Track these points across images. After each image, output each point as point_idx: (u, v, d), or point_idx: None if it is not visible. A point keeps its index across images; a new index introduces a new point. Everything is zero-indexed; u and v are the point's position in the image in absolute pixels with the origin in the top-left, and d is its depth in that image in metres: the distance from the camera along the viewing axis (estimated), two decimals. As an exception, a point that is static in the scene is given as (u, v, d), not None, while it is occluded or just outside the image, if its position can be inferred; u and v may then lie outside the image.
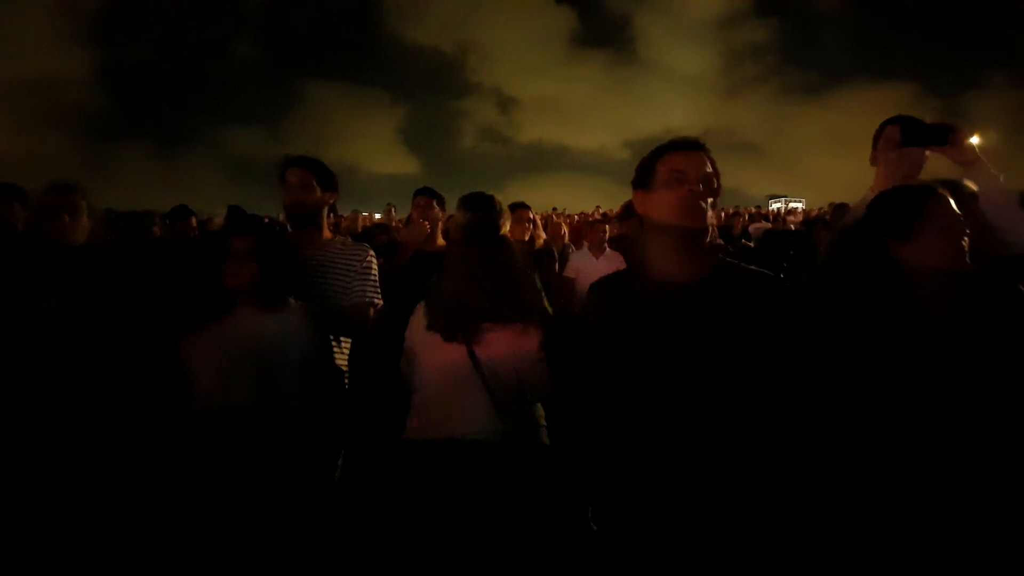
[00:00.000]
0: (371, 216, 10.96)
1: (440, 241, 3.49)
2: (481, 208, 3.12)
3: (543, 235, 4.94)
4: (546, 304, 2.21)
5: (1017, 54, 27.45)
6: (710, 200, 1.62)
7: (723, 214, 9.22)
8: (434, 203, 3.49)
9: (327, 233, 2.79)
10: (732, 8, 33.63)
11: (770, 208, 17.41)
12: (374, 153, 35.63)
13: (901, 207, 1.68)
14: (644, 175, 1.70)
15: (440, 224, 3.55)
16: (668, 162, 1.65)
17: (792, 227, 7.85)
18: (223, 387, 2.05)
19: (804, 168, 33.29)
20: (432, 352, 2.14)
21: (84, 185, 2.55)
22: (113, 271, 2.49)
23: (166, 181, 30.48)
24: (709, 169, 1.64)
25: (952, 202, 1.65)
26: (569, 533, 2.00)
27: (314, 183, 2.66)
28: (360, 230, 7.28)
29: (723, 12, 33.94)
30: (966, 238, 1.62)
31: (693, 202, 1.59)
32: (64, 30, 29.47)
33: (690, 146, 1.66)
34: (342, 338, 2.57)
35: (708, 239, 1.66)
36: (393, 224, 7.69)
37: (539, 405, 2.20)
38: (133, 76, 31.60)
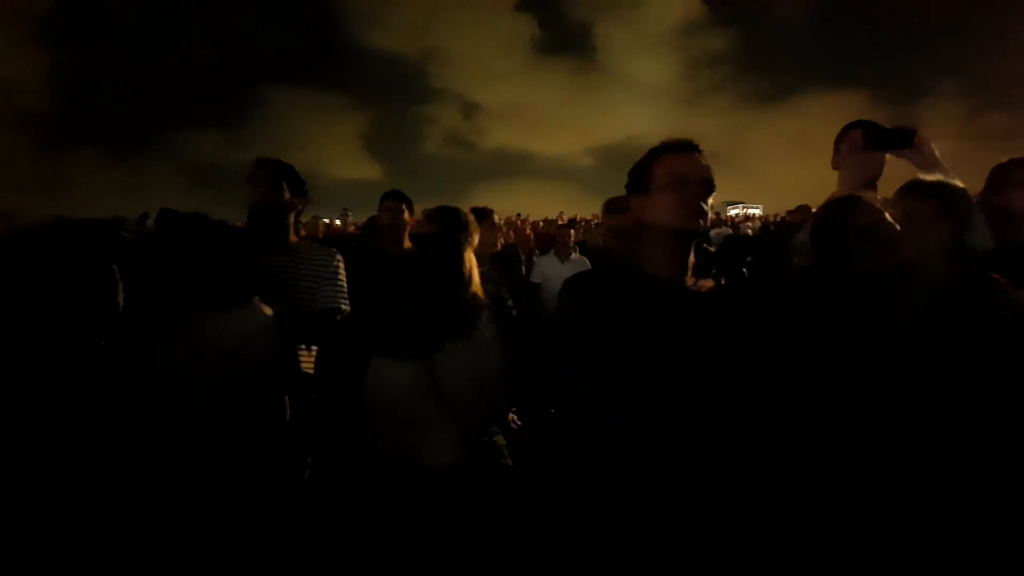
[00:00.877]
0: (332, 222, 10.84)
1: (407, 244, 3.45)
2: (446, 224, 2.91)
3: (499, 241, 4.88)
4: (512, 311, 2.19)
5: (966, 63, 28.63)
6: (710, 201, 1.63)
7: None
8: (403, 207, 3.48)
9: (293, 237, 2.72)
10: (691, 17, 34.40)
11: (729, 214, 17.78)
12: (335, 158, 35.28)
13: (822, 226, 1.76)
14: (641, 179, 1.68)
15: (408, 228, 3.52)
16: (666, 164, 1.64)
17: (749, 232, 8.01)
18: (182, 394, 1.97)
19: (762, 174, 34.19)
20: (388, 374, 2.04)
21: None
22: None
23: (122, 187, 29.54)
24: (707, 170, 1.64)
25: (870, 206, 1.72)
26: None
27: (283, 185, 2.61)
28: (321, 236, 7.17)
29: (682, 21, 34.69)
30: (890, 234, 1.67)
31: (695, 204, 1.59)
32: (14, 32, 28.41)
33: (686, 147, 1.66)
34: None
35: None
36: (351, 230, 7.59)
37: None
38: (86, 80, 30.62)
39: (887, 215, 1.73)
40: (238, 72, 32.96)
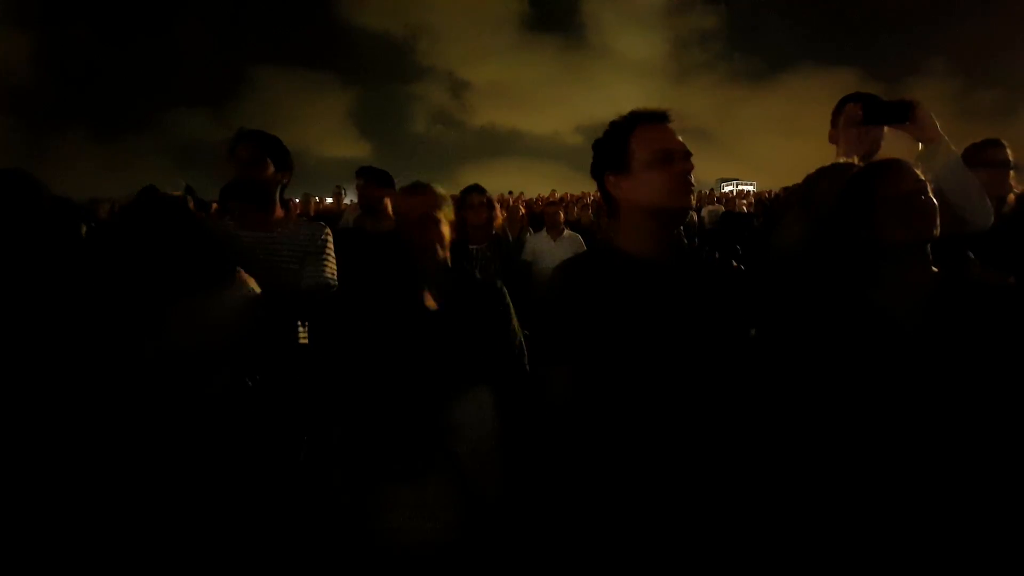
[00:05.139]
0: (323, 200, 10.72)
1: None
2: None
3: (499, 216, 4.81)
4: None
5: (956, 41, 28.53)
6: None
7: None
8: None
9: (279, 212, 2.64)
10: (680, -6, 34.05)
11: (722, 191, 17.76)
12: (324, 136, 34.89)
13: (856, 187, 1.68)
14: (617, 156, 1.56)
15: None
16: (645, 139, 1.53)
17: (745, 209, 7.99)
18: (165, 377, 1.91)
19: (754, 152, 34.15)
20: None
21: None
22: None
23: (110, 166, 29.12)
24: (684, 144, 1.55)
25: (910, 170, 1.61)
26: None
27: (267, 160, 2.53)
28: (312, 214, 7.10)
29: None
30: (926, 202, 1.56)
31: (683, 181, 1.51)
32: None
33: (661, 117, 1.57)
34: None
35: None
36: (344, 207, 7.51)
37: None
38: (73, 59, 30.03)
39: (929, 186, 1.60)
40: (226, 51, 32.36)
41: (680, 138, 1.55)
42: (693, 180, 1.54)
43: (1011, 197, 2.76)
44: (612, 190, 1.60)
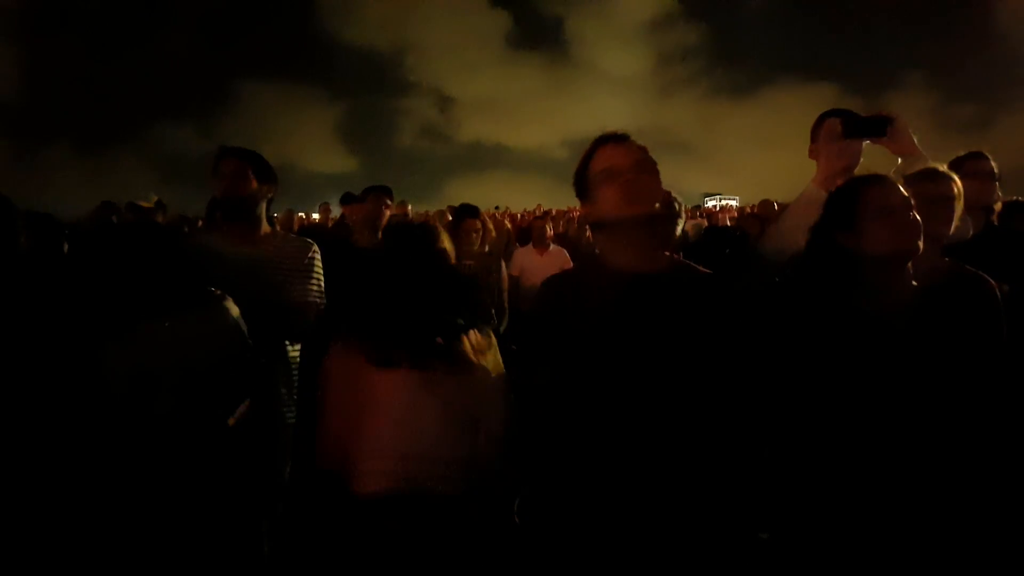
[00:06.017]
0: (308, 215, 10.68)
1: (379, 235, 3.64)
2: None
3: (491, 232, 4.75)
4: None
5: (933, 56, 29.10)
6: (657, 185, 1.60)
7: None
8: (386, 199, 3.75)
9: (265, 228, 2.63)
10: (661, 12, 34.51)
11: (706, 205, 17.91)
12: (311, 151, 34.75)
13: (842, 199, 1.70)
14: (580, 184, 1.68)
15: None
16: (597, 162, 1.63)
17: (729, 223, 8.06)
18: (139, 400, 1.88)
19: (737, 165, 34.44)
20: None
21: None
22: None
23: (93, 180, 28.75)
24: (641, 154, 1.61)
25: (895, 186, 1.67)
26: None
27: (250, 174, 2.51)
28: (296, 229, 7.06)
29: (653, 16, 34.80)
30: (911, 218, 1.61)
31: (630, 190, 1.56)
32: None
33: (614, 139, 1.64)
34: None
35: (669, 229, 1.64)
36: (330, 223, 7.49)
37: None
38: (58, 73, 29.73)
39: (912, 200, 1.65)
40: (212, 65, 32.21)
41: (634, 152, 1.61)
42: (653, 188, 1.59)
43: (997, 206, 2.81)
44: (587, 216, 1.73)
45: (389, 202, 3.85)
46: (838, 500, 1.56)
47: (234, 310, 2.11)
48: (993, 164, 2.77)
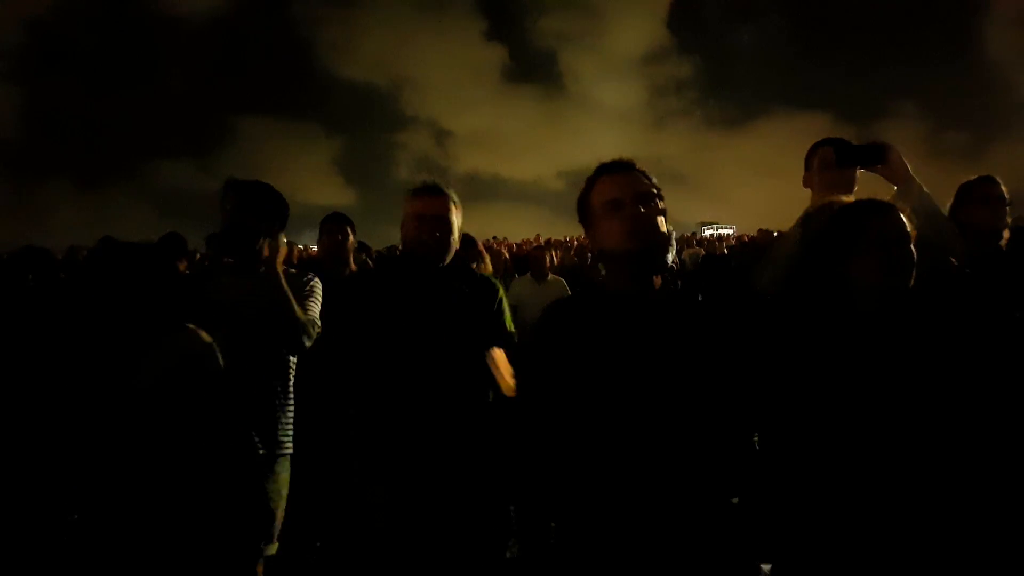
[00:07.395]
0: (308, 248, 10.70)
1: (353, 267, 3.77)
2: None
3: (487, 265, 4.69)
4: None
5: (924, 85, 29.51)
6: (659, 216, 1.58)
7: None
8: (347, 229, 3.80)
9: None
10: (655, 45, 35.11)
11: (703, 235, 17.99)
12: (309, 184, 34.85)
13: (842, 224, 1.67)
14: (583, 212, 1.69)
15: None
16: (599, 192, 1.62)
17: (726, 251, 8.10)
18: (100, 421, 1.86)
19: (732, 195, 34.61)
20: None
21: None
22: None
23: (92, 216, 28.80)
24: (643, 185, 1.60)
25: (898, 216, 1.62)
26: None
27: (254, 208, 2.50)
28: (296, 262, 7.08)
29: (646, 49, 35.38)
30: (907, 250, 1.58)
31: (633, 224, 1.55)
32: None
33: (617, 168, 1.64)
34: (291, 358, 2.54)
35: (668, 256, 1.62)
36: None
37: None
38: (56, 109, 30.06)
39: (912, 232, 1.61)
40: (210, 102, 32.57)
41: (638, 183, 1.60)
42: (661, 221, 1.58)
43: (1006, 233, 2.80)
44: (590, 243, 1.75)
45: (348, 229, 3.85)
46: (838, 527, 1.54)
47: (207, 339, 2.07)
48: (1004, 189, 2.72)
